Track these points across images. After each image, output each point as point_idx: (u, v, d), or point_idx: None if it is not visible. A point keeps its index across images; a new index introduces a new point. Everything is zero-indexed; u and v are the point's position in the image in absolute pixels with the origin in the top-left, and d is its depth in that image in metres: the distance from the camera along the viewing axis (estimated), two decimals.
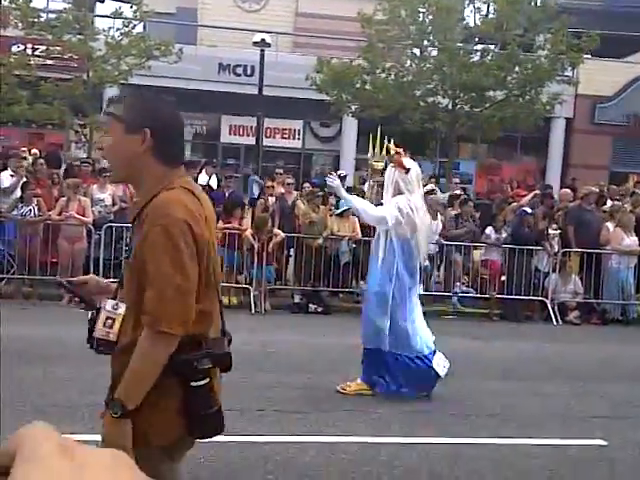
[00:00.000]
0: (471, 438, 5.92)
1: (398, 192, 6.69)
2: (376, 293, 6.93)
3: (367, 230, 11.88)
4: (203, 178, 13.76)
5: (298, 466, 5.09)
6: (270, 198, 12.38)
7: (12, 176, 11.75)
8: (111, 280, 2.86)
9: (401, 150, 6.87)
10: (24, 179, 11.58)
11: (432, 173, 17.86)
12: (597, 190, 13.65)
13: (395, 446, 5.66)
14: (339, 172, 15.73)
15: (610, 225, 12.61)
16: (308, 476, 4.95)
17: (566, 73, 18.34)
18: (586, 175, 19.16)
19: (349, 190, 13.72)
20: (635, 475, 5.41)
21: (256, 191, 14.08)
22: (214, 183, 13.67)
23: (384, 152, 6.91)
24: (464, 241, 12.40)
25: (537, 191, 14.33)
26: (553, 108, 18.17)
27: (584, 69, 19.08)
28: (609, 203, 13.66)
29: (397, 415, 6.42)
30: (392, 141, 7.15)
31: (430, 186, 14.06)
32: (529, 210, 12.59)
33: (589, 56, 17.92)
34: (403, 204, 6.63)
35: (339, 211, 11.94)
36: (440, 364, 6.88)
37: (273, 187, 13.11)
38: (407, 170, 6.69)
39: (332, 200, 12.36)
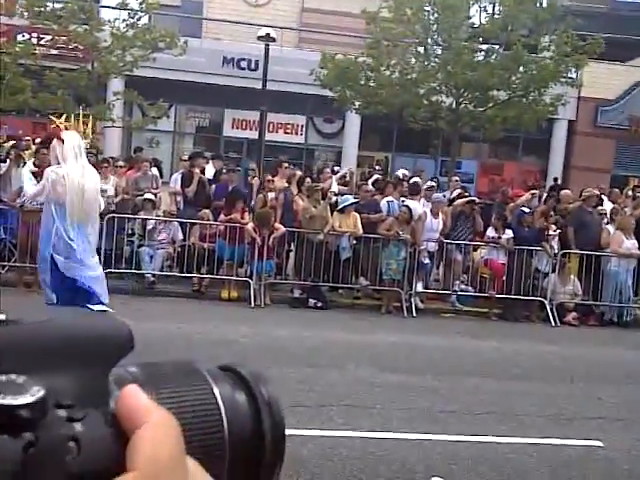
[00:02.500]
0: (469, 436, 5.97)
1: (57, 162, 7.32)
2: (43, 258, 7.45)
3: (369, 227, 11.94)
4: (210, 171, 13.78)
5: (297, 460, 5.13)
6: (270, 193, 12.39)
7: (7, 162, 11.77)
8: None
9: (60, 124, 7.61)
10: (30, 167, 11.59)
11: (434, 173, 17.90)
12: (597, 193, 13.69)
13: (394, 441, 5.70)
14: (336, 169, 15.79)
15: (610, 228, 12.65)
16: (307, 469, 4.99)
17: (570, 75, 18.35)
18: (588, 178, 19.19)
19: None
20: (630, 476, 5.45)
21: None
22: (210, 173, 13.66)
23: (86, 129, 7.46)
24: (464, 235, 12.44)
25: (534, 191, 14.34)
26: (556, 110, 18.19)
27: (588, 71, 19.09)
28: (607, 204, 13.69)
29: (396, 411, 6.46)
30: (74, 118, 7.72)
31: (429, 183, 14.13)
32: (526, 210, 12.63)
33: (593, 59, 17.91)
34: (52, 172, 7.26)
35: (341, 207, 11.97)
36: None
37: (273, 181, 13.13)
38: (63, 142, 7.26)
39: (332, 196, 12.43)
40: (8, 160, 12.11)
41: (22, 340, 0.41)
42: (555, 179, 20.80)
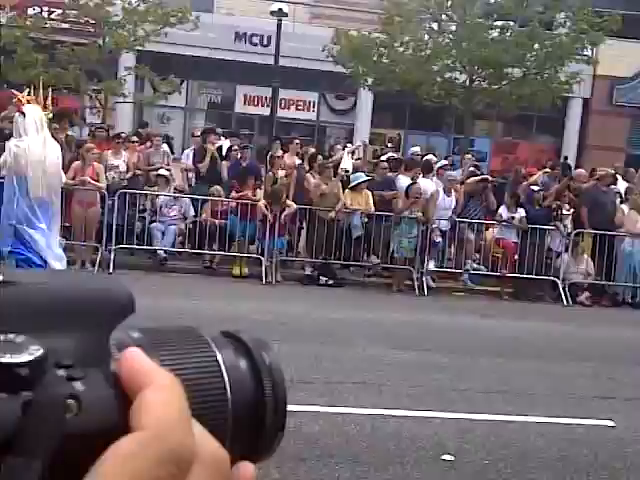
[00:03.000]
0: (480, 414, 5.95)
1: (19, 135, 7.38)
2: (4, 228, 7.61)
3: (383, 204, 11.87)
4: (225, 146, 13.75)
5: (307, 435, 5.14)
6: (280, 171, 12.32)
7: None
8: None
9: (22, 97, 7.57)
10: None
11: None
12: (612, 172, 13.56)
13: (404, 419, 5.70)
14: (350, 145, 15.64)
15: (625, 207, 12.54)
16: (317, 445, 4.99)
17: (585, 52, 18.12)
18: (602, 157, 19.00)
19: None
20: None
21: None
22: (226, 145, 13.63)
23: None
24: (475, 214, 12.37)
25: (546, 169, 14.23)
26: (571, 87, 17.97)
27: (603, 49, 18.84)
28: (621, 184, 13.54)
29: (407, 388, 6.45)
30: (34, 91, 7.78)
31: (443, 161, 14.03)
32: (536, 188, 12.54)
33: (609, 36, 17.65)
34: (14, 146, 7.34)
35: (353, 184, 11.91)
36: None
37: (282, 157, 13.04)
38: (24, 115, 7.33)
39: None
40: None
41: (22, 301, 0.41)
42: (565, 157, 20.64)
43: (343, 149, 13.81)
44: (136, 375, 0.42)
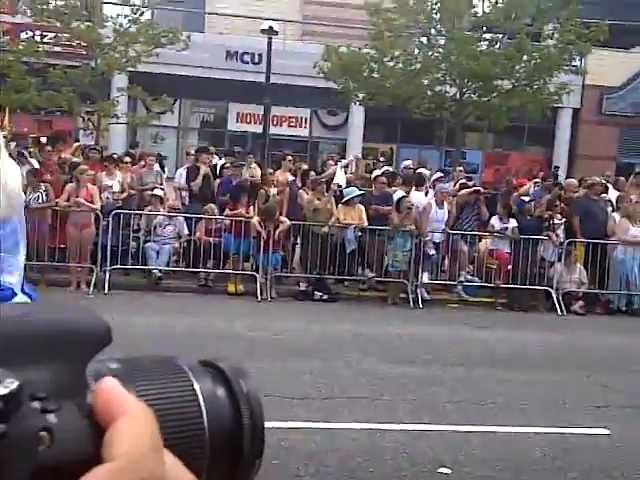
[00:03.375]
0: (475, 426, 5.98)
1: None
2: None
3: (379, 219, 11.93)
4: (219, 162, 13.85)
5: (304, 451, 5.16)
6: (272, 189, 12.37)
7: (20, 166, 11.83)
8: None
9: None
10: (34, 165, 11.67)
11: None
12: (603, 181, 13.65)
13: (400, 433, 5.72)
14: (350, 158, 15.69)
15: (616, 216, 12.62)
16: (313, 461, 5.02)
17: (574, 63, 18.28)
18: (593, 166, 19.13)
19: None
20: (638, 464, 5.46)
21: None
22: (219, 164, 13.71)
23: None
24: (469, 226, 12.44)
25: (536, 179, 14.34)
26: (561, 98, 18.11)
27: (592, 59, 19.01)
28: (612, 192, 13.64)
29: (402, 402, 6.48)
30: None
31: (438, 174, 14.09)
32: (526, 199, 12.63)
33: (597, 46, 17.83)
34: None
35: (346, 199, 11.97)
36: None
37: (273, 174, 13.12)
38: None
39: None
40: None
41: None
42: (556, 167, 20.76)
43: (335, 164, 13.88)
44: (109, 406, 0.42)
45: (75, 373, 0.44)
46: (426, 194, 12.84)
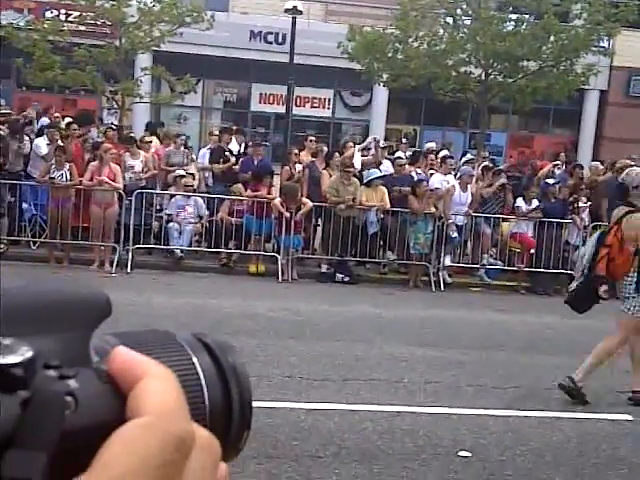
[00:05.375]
0: (496, 410, 5.96)
1: None
2: None
3: (401, 200, 11.85)
4: (234, 145, 13.78)
5: (323, 432, 5.17)
6: (297, 165, 12.35)
7: (48, 144, 11.91)
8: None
9: None
10: (58, 143, 11.73)
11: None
12: (631, 162, 13.45)
13: (420, 415, 5.72)
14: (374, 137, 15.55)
15: None
16: (332, 442, 5.03)
17: (602, 44, 17.97)
18: (619, 148, 18.85)
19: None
20: None
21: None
22: (234, 148, 13.64)
23: None
24: (495, 209, 12.32)
25: (557, 162, 14.18)
26: (588, 79, 17.84)
27: (620, 40, 18.67)
28: None
29: (422, 385, 6.47)
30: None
31: (468, 156, 13.94)
32: (550, 182, 12.49)
33: (626, 26, 17.50)
34: None
35: (367, 180, 11.91)
36: None
37: (299, 155, 13.08)
38: None
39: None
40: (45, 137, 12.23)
41: (5, 305, 0.42)
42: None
43: (354, 146, 13.80)
44: (129, 368, 0.43)
45: (81, 342, 0.45)
46: (455, 176, 12.68)
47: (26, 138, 12.20)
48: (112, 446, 0.40)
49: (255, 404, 0.51)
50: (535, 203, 12.11)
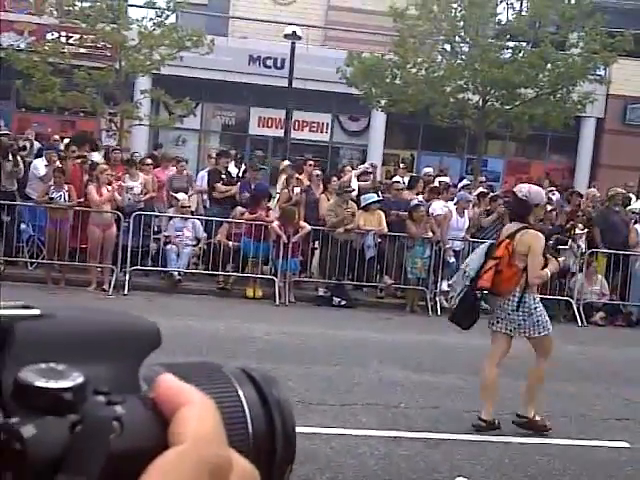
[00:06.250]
0: (494, 436, 5.94)
1: None
2: None
3: (398, 225, 11.89)
4: (233, 169, 13.83)
5: (319, 457, 5.15)
6: (295, 189, 12.39)
7: (46, 166, 11.95)
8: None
9: None
10: (57, 164, 11.76)
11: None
12: (623, 191, 13.54)
13: (418, 441, 5.69)
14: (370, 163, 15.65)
15: (638, 227, 12.51)
16: (329, 467, 5.00)
17: (598, 72, 18.15)
18: (616, 176, 18.95)
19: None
20: None
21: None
22: (233, 171, 13.69)
23: None
24: (493, 235, 12.35)
25: (550, 188, 14.29)
26: (584, 107, 17.99)
27: (616, 69, 18.88)
28: (635, 203, 13.53)
29: (419, 410, 6.45)
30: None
31: (465, 182, 13.99)
32: (548, 208, 12.55)
33: (622, 55, 17.69)
34: None
35: (364, 204, 11.95)
36: None
37: (298, 179, 13.13)
38: None
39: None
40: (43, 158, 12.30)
41: (60, 333, 0.45)
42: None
43: (352, 170, 13.87)
44: (172, 395, 0.45)
45: (131, 371, 0.47)
46: (452, 201, 12.73)
47: (20, 160, 12.24)
48: (150, 472, 0.42)
49: None
50: None
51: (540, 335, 6.24)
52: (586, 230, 12.48)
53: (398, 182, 13.41)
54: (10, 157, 11.99)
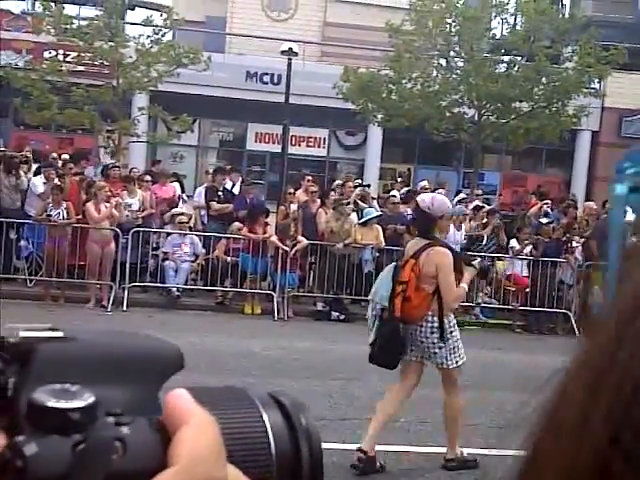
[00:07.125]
0: (494, 449, 5.94)
1: None
2: None
3: (395, 238, 11.93)
4: (230, 185, 13.88)
5: None
6: (292, 205, 12.44)
7: (45, 183, 12.00)
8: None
9: None
10: (55, 181, 11.81)
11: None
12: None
13: (418, 455, 5.70)
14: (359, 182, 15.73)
15: (635, 239, 12.55)
16: None
17: (593, 86, 18.28)
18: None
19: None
20: None
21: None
22: (235, 189, 13.74)
23: None
24: (488, 251, 12.41)
25: (547, 201, 14.34)
26: (579, 120, 18.10)
27: (611, 82, 18.99)
28: (629, 216, 13.57)
29: (419, 424, 6.46)
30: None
31: (462, 195, 14.07)
32: (544, 221, 12.62)
33: (616, 69, 17.82)
34: None
35: (363, 220, 12.00)
36: None
37: (294, 194, 13.18)
38: None
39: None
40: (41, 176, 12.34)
41: (80, 355, 0.46)
42: (573, 195, 20.64)
43: (343, 185, 13.83)
44: (176, 416, 0.45)
45: (150, 394, 0.47)
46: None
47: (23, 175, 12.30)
48: None
49: None
50: (529, 249, 12.19)
51: (456, 366, 5.64)
52: (582, 241, 12.53)
53: (394, 196, 13.48)
54: (13, 171, 12.04)
